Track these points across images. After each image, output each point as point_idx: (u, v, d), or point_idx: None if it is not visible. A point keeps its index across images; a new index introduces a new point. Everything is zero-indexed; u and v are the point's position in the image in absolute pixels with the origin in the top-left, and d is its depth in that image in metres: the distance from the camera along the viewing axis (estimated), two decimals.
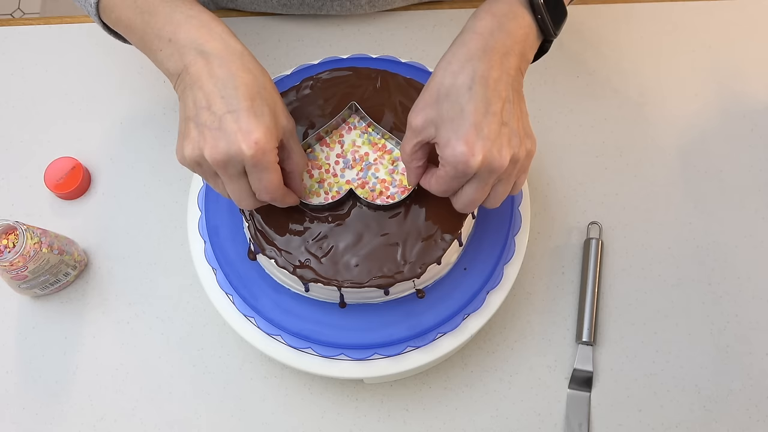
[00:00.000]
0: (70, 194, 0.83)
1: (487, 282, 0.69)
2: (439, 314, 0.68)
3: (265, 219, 0.65)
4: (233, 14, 0.92)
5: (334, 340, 0.68)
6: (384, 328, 0.68)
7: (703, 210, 0.83)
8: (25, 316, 0.80)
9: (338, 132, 0.68)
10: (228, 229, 0.71)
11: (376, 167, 0.66)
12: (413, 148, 0.60)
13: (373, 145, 0.67)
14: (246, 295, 0.69)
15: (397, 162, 0.66)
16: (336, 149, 0.67)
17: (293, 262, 0.64)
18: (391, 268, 0.64)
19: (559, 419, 0.76)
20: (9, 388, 0.78)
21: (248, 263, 0.69)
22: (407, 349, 0.68)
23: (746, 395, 0.77)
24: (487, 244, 0.70)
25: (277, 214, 0.65)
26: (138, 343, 0.79)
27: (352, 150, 0.67)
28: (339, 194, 0.65)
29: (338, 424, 0.76)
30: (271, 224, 0.65)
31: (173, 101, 0.88)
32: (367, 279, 0.64)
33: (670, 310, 0.80)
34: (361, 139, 0.67)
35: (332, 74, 0.70)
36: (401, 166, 0.66)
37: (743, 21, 0.91)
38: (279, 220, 0.65)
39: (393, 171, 0.66)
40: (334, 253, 0.64)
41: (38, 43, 0.91)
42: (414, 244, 0.64)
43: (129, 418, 0.77)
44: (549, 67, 0.88)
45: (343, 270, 0.64)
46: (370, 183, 0.66)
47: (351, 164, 0.66)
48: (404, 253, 0.64)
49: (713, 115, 0.87)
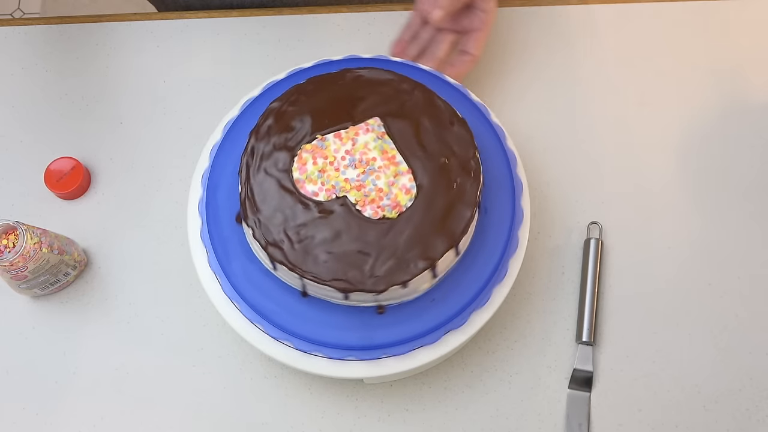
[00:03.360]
0: (70, 194, 0.83)
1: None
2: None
3: (257, 189, 0.65)
4: (234, 14, 0.92)
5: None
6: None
7: (703, 210, 0.83)
8: (25, 316, 0.80)
9: (355, 129, 0.68)
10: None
11: (378, 174, 0.66)
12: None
13: (384, 153, 0.67)
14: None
15: (399, 176, 0.66)
16: (347, 145, 0.67)
17: (267, 238, 0.64)
18: (355, 275, 0.63)
19: (559, 419, 0.76)
20: (9, 388, 0.78)
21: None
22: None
23: (746, 395, 0.77)
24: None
25: (271, 190, 0.66)
26: (138, 343, 0.79)
27: (362, 151, 0.67)
28: (334, 189, 0.66)
29: (338, 424, 0.76)
30: (261, 195, 0.65)
31: (173, 101, 0.88)
32: (329, 278, 0.63)
33: (670, 310, 0.80)
34: (375, 143, 0.67)
35: (372, 73, 0.70)
36: (401, 182, 0.66)
37: (743, 21, 0.91)
38: (269, 195, 0.65)
39: (392, 183, 0.66)
40: (308, 243, 0.64)
41: (38, 43, 0.91)
42: (386, 260, 0.64)
43: (129, 418, 0.77)
44: (549, 67, 0.89)
45: (310, 261, 0.64)
46: (367, 188, 0.66)
47: (355, 164, 0.66)
48: (373, 266, 0.64)
49: (713, 115, 0.87)
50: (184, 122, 0.87)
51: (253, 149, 0.68)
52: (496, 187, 0.71)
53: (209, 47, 0.90)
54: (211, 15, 0.92)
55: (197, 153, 0.85)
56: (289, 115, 0.69)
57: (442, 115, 0.69)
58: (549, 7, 0.91)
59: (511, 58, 0.89)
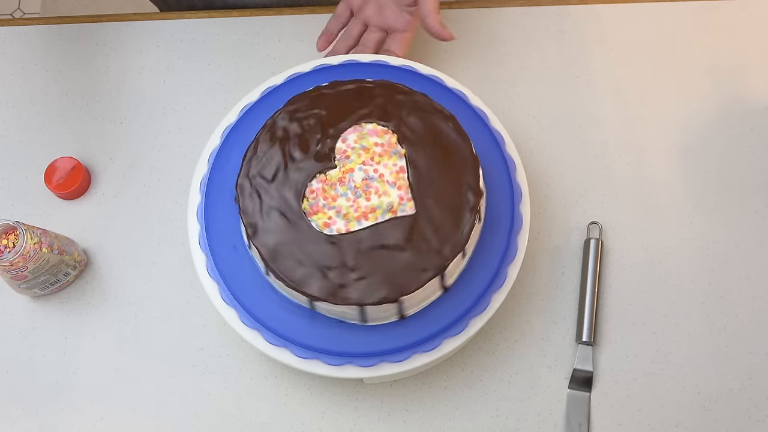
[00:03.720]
0: (70, 194, 0.83)
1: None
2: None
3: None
4: (234, 14, 0.92)
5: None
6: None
7: (703, 210, 0.83)
8: (25, 316, 0.80)
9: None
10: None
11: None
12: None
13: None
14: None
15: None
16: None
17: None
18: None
19: (559, 419, 0.76)
20: (9, 388, 0.78)
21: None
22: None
23: (746, 395, 0.77)
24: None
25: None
26: (138, 343, 0.79)
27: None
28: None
29: (338, 424, 0.76)
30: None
31: (173, 101, 0.88)
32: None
33: (670, 310, 0.80)
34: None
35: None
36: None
37: (743, 21, 0.91)
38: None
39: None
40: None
41: (38, 43, 0.91)
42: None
43: (129, 418, 0.77)
44: (549, 67, 0.89)
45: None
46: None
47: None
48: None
49: (713, 115, 0.87)
50: (184, 122, 0.87)
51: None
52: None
53: (209, 47, 0.90)
54: (211, 15, 0.92)
55: (197, 153, 0.86)
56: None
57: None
58: (549, 7, 0.91)
59: (511, 58, 0.89)
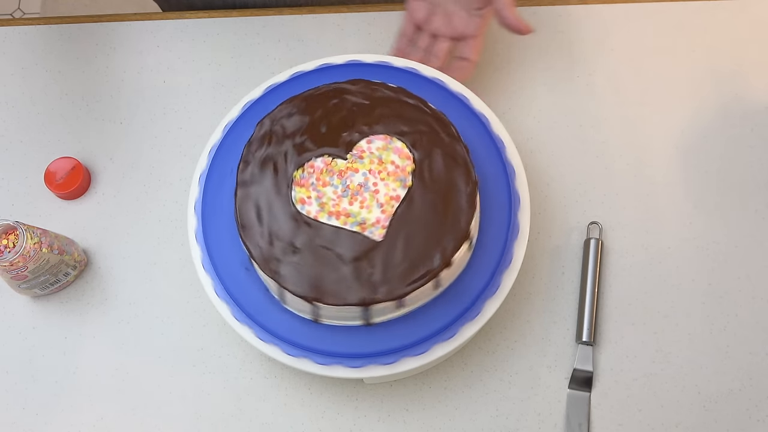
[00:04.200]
0: (70, 194, 0.83)
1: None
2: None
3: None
4: (234, 14, 0.92)
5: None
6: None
7: (703, 210, 0.83)
8: (25, 316, 0.80)
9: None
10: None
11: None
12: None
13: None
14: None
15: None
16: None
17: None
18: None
19: (559, 419, 0.76)
20: (9, 388, 0.78)
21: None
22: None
23: (746, 395, 0.77)
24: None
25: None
26: (138, 343, 0.79)
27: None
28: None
29: (338, 424, 0.76)
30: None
31: (173, 101, 0.88)
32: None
33: (670, 310, 0.80)
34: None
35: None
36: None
37: (743, 21, 0.91)
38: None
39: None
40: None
41: (38, 43, 0.91)
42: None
43: (129, 418, 0.77)
44: (549, 67, 0.89)
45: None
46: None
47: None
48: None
49: (713, 115, 0.87)
50: (184, 122, 0.87)
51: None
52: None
53: (209, 47, 0.90)
54: (211, 15, 0.92)
55: (197, 153, 0.86)
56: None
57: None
58: (549, 7, 0.91)
59: (511, 58, 0.89)
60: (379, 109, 0.69)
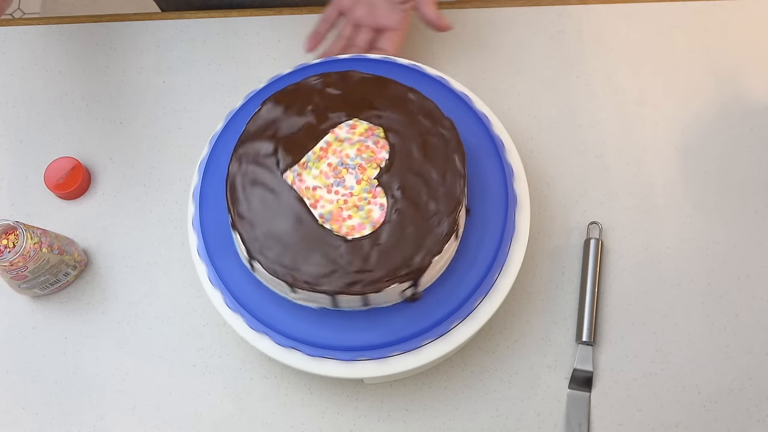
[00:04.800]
0: (70, 194, 0.83)
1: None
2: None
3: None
4: (234, 14, 0.92)
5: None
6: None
7: (703, 210, 0.83)
8: (25, 316, 0.80)
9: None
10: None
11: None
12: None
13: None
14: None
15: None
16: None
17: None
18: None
19: (559, 419, 0.76)
20: (9, 388, 0.78)
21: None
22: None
23: (746, 395, 0.77)
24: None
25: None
26: (138, 343, 0.79)
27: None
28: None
29: (338, 424, 0.76)
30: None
31: (173, 101, 0.88)
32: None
33: (670, 310, 0.80)
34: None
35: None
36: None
37: (743, 21, 0.91)
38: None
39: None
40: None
41: (38, 43, 0.91)
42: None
43: (129, 418, 0.77)
44: (549, 67, 0.89)
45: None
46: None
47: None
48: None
49: (713, 115, 0.87)
50: (184, 122, 0.87)
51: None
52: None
53: (209, 47, 0.90)
54: (211, 15, 0.92)
55: (197, 153, 0.86)
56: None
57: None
58: (549, 7, 0.91)
59: (511, 58, 0.89)
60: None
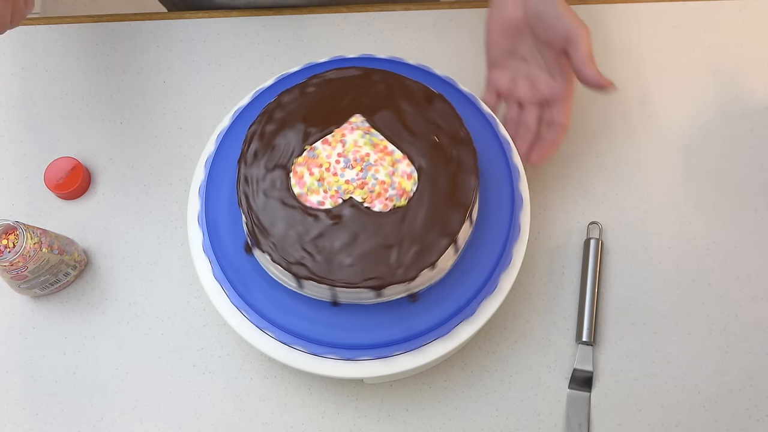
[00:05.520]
0: (70, 194, 0.83)
1: (482, 289, 0.69)
2: (432, 319, 0.68)
3: (263, 214, 0.65)
4: (234, 14, 0.92)
5: (325, 338, 0.68)
6: (376, 329, 0.68)
7: (703, 210, 0.83)
8: (25, 316, 0.80)
9: (340, 131, 0.68)
10: (227, 225, 0.71)
11: (377, 168, 0.66)
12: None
13: (375, 146, 0.67)
14: (240, 289, 0.69)
15: (397, 164, 0.66)
16: (337, 148, 0.67)
17: (288, 258, 0.64)
18: (384, 270, 0.64)
19: (559, 419, 0.76)
20: (9, 388, 0.78)
21: (245, 258, 0.70)
22: (397, 353, 0.68)
23: (746, 395, 0.77)
24: (483, 250, 0.70)
25: (275, 211, 0.65)
26: (138, 343, 0.79)
27: (354, 150, 0.67)
28: (338, 194, 0.66)
29: (338, 424, 0.76)
30: (268, 219, 0.65)
31: (173, 101, 0.88)
32: (360, 279, 0.64)
33: (670, 310, 0.80)
34: (363, 139, 0.67)
35: (338, 74, 0.70)
36: (401, 169, 0.66)
37: (743, 21, 0.91)
38: (276, 217, 0.65)
39: (393, 173, 0.66)
40: (329, 252, 0.64)
41: (38, 43, 0.91)
42: (409, 247, 0.64)
43: (129, 418, 0.77)
44: None
45: (336, 269, 0.64)
46: (369, 184, 0.66)
47: (351, 164, 0.66)
48: (399, 256, 0.64)
49: (713, 115, 0.87)
50: (184, 122, 0.87)
51: (246, 177, 0.67)
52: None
53: (209, 47, 0.90)
54: (211, 15, 0.92)
55: (197, 153, 0.86)
56: (272, 134, 0.68)
57: (418, 95, 0.69)
58: None
59: None
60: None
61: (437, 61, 0.89)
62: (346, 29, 0.90)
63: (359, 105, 0.69)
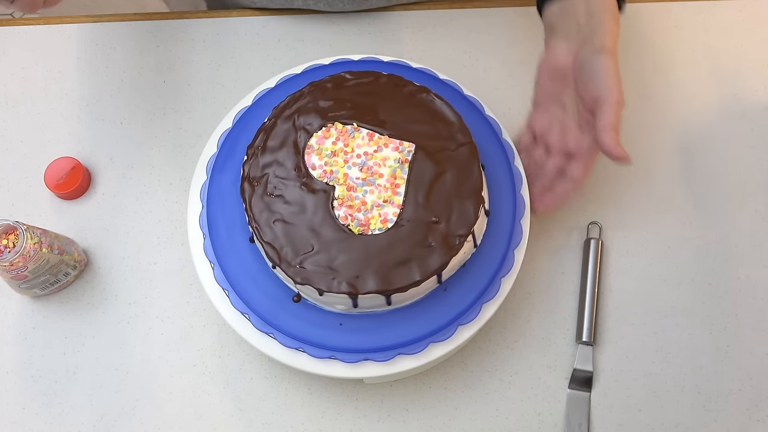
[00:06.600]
0: (70, 194, 0.83)
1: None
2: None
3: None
4: (234, 14, 0.92)
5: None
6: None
7: (703, 210, 0.83)
8: (25, 316, 0.80)
9: (388, 140, 0.69)
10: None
11: (372, 190, 0.67)
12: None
13: (392, 177, 0.67)
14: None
15: (388, 204, 0.67)
16: (371, 148, 0.68)
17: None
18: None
19: (559, 419, 0.76)
20: (9, 388, 0.78)
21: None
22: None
23: (746, 395, 0.77)
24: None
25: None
26: (138, 343, 0.79)
27: (377, 162, 0.68)
28: (328, 174, 0.67)
29: (338, 424, 0.76)
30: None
31: (173, 101, 0.88)
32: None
33: (670, 310, 0.80)
34: (393, 163, 0.68)
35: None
36: (385, 210, 0.67)
37: (743, 21, 0.91)
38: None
39: (378, 205, 0.67)
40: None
41: (38, 43, 0.91)
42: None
43: (129, 418, 0.77)
44: None
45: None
46: (355, 193, 0.67)
47: (363, 168, 0.67)
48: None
49: (713, 115, 0.87)
50: (184, 122, 0.87)
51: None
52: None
53: (209, 47, 0.90)
54: (211, 15, 0.92)
55: (197, 153, 0.86)
56: (337, 99, 0.71)
57: (469, 182, 0.68)
58: None
59: (512, 59, 0.89)
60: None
61: (437, 61, 0.89)
62: (346, 29, 0.90)
63: (423, 140, 0.69)
